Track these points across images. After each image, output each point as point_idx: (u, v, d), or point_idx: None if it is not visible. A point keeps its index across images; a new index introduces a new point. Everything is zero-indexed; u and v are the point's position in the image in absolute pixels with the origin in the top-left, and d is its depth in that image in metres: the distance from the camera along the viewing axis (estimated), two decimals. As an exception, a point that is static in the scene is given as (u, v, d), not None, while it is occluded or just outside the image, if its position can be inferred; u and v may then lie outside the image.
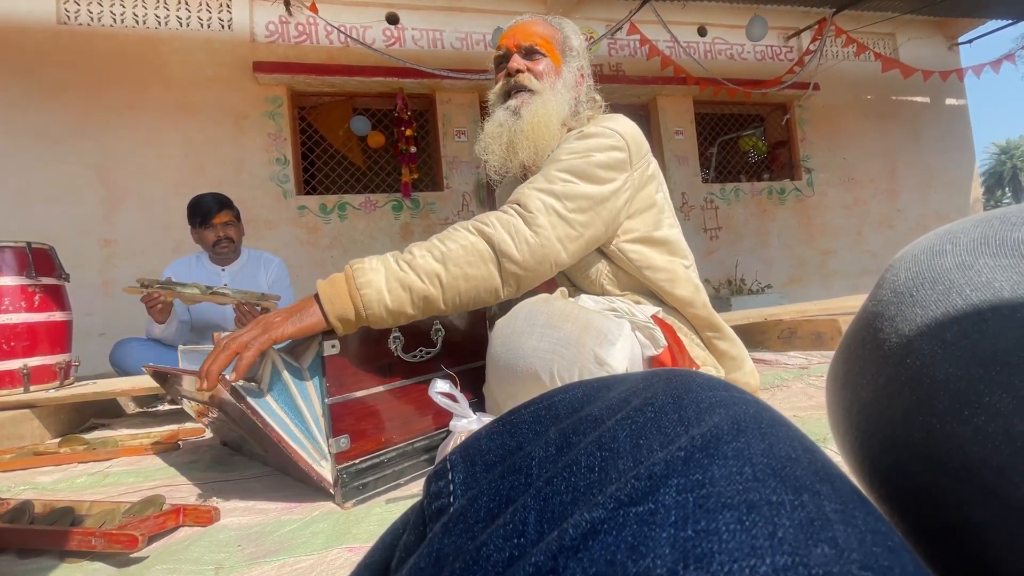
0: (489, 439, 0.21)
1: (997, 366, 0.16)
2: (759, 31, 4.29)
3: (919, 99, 5.55)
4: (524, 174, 1.04)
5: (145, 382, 1.57)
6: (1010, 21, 4.96)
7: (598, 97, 1.07)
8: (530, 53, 1.01)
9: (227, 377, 0.71)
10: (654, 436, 0.17)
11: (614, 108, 1.05)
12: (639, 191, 0.97)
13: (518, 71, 0.99)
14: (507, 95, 1.02)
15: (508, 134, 0.98)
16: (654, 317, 0.92)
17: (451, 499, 0.20)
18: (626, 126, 0.96)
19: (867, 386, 0.20)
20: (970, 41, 5.64)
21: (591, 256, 0.97)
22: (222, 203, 2.03)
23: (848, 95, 5.26)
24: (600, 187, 0.89)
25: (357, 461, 0.80)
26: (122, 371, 1.90)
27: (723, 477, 0.14)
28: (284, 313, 0.77)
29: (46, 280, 1.57)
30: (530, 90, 0.99)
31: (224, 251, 2.05)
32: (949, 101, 5.69)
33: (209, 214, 1.99)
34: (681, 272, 0.99)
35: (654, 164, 1.02)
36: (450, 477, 0.21)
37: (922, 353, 0.18)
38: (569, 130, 1.01)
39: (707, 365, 0.97)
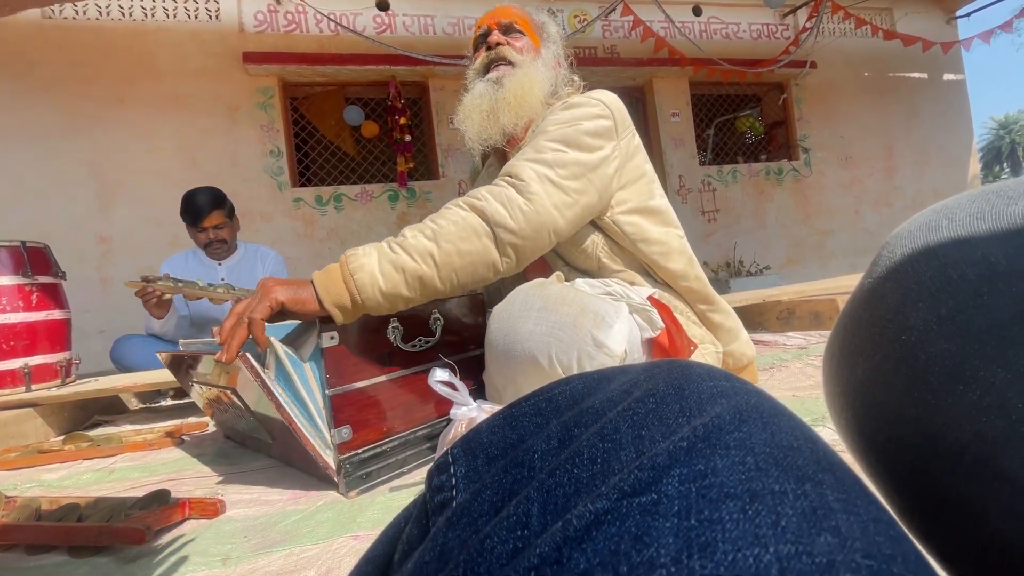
0: (490, 432, 0.21)
1: (992, 340, 0.16)
2: None
3: (917, 75, 5.50)
4: (505, 152, 1.05)
5: (147, 378, 1.57)
6: (1008, -7, 4.89)
7: (576, 78, 1.08)
8: (509, 30, 1.02)
9: (247, 355, 0.73)
10: (656, 427, 0.17)
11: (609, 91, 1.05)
12: (628, 161, 0.97)
13: (498, 44, 1.00)
14: (487, 69, 1.02)
15: (489, 102, 0.98)
16: (651, 298, 0.92)
17: (454, 492, 0.20)
18: (608, 96, 0.97)
19: (863, 363, 0.20)
20: (968, 14, 5.57)
21: (585, 229, 0.97)
22: (213, 203, 1.97)
23: (845, 73, 5.20)
24: (590, 154, 0.89)
25: (360, 451, 0.81)
26: (123, 368, 1.91)
27: (726, 467, 0.14)
28: (282, 281, 0.77)
29: (43, 279, 1.57)
30: (511, 63, 1.00)
31: (217, 251, 2.04)
32: (947, 76, 5.64)
33: (199, 216, 1.94)
34: (675, 243, 0.99)
35: (637, 136, 1.02)
36: (452, 471, 0.21)
37: (917, 329, 0.18)
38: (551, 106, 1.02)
39: (705, 343, 0.97)
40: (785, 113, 5.12)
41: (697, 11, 4.81)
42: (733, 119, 5.12)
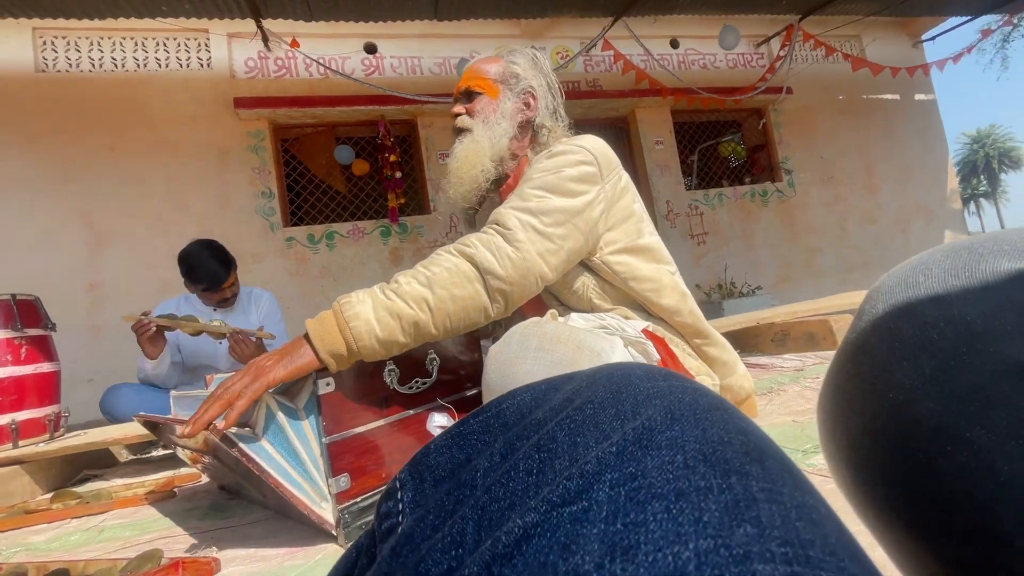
0: (438, 453, 0.21)
1: (975, 401, 0.17)
2: (732, 40, 4.39)
3: (889, 96, 5.69)
4: (497, 199, 1.09)
5: (137, 429, 1.54)
6: (969, 17, 5.12)
7: (562, 113, 1.11)
8: (468, 95, 1.09)
9: (217, 425, 0.69)
10: (591, 433, 0.17)
11: (593, 123, 1.08)
12: (614, 203, 0.99)
13: (456, 115, 1.09)
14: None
15: (448, 171, 1.08)
16: (645, 331, 0.93)
17: (399, 518, 0.20)
18: (593, 142, 0.99)
19: (854, 419, 0.21)
20: (932, 38, 5.81)
21: (575, 270, 0.98)
22: (227, 266, 1.93)
23: (821, 96, 5.38)
24: (573, 200, 0.91)
25: (359, 499, 0.79)
26: (113, 418, 1.86)
27: (656, 468, 0.14)
28: (275, 356, 0.76)
29: (32, 331, 1.55)
30: (466, 130, 1.07)
31: (228, 305, 2.04)
32: (918, 96, 5.84)
33: (218, 283, 1.91)
34: (667, 280, 1.00)
35: (626, 176, 1.04)
36: (399, 496, 0.20)
37: (904, 388, 0.19)
38: (538, 151, 1.05)
39: (701, 375, 0.97)
40: (766, 137, 5.26)
41: (675, 43, 4.98)
42: (716, 144, 5.25)
